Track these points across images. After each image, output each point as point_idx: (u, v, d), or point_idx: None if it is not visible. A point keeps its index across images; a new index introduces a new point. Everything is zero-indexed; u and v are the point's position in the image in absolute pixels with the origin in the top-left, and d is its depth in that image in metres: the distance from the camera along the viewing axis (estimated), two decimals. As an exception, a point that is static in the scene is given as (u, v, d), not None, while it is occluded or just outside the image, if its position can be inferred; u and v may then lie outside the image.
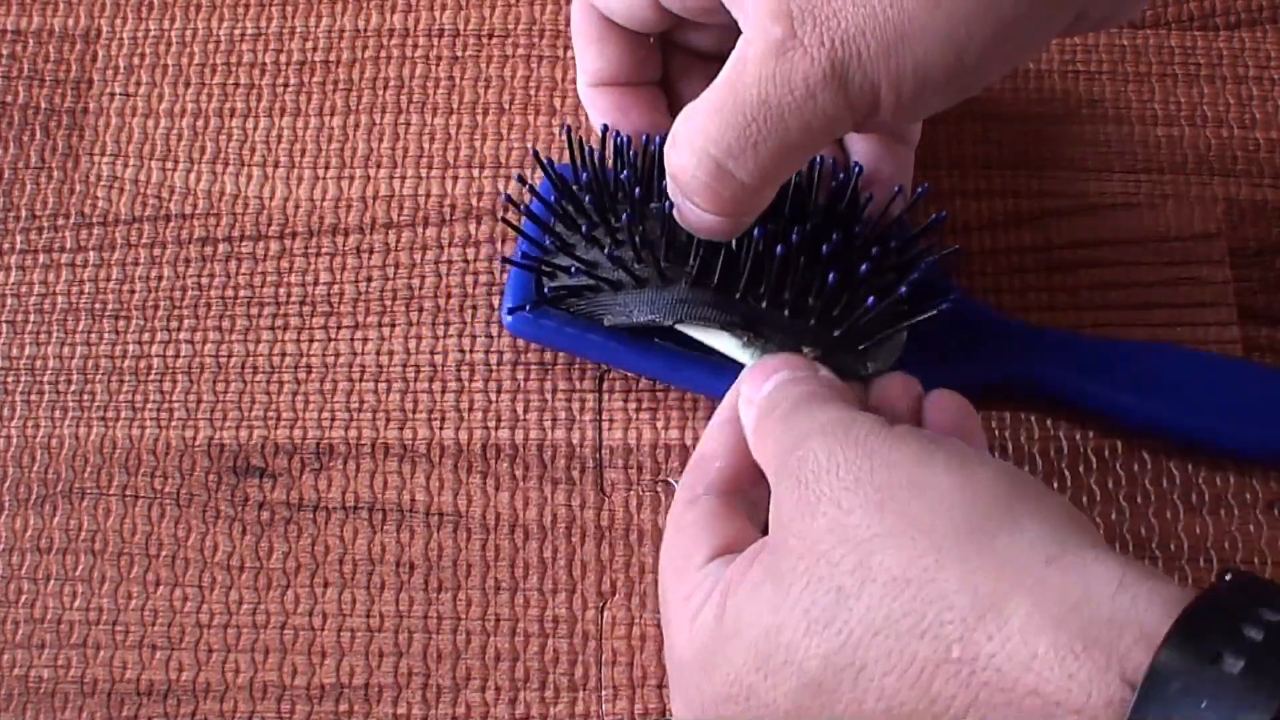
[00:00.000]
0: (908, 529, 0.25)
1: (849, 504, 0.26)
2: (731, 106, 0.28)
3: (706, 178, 0.29)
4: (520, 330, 0.37)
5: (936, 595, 0.24)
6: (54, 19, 0.44)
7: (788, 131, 0.28)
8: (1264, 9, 0.43)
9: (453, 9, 0.43)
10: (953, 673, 0.24)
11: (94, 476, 0.38)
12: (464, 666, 0.36)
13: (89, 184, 0.41)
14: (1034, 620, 0.23)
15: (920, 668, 0.24)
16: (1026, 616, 0.23)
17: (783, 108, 0.28)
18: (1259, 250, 0.40)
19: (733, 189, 0.29)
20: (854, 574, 0.25)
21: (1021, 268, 0.40)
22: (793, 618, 0.26)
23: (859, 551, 0.25)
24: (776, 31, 0.28)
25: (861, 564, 0.25)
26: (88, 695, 0.36)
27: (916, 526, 0.25)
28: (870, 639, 0.25)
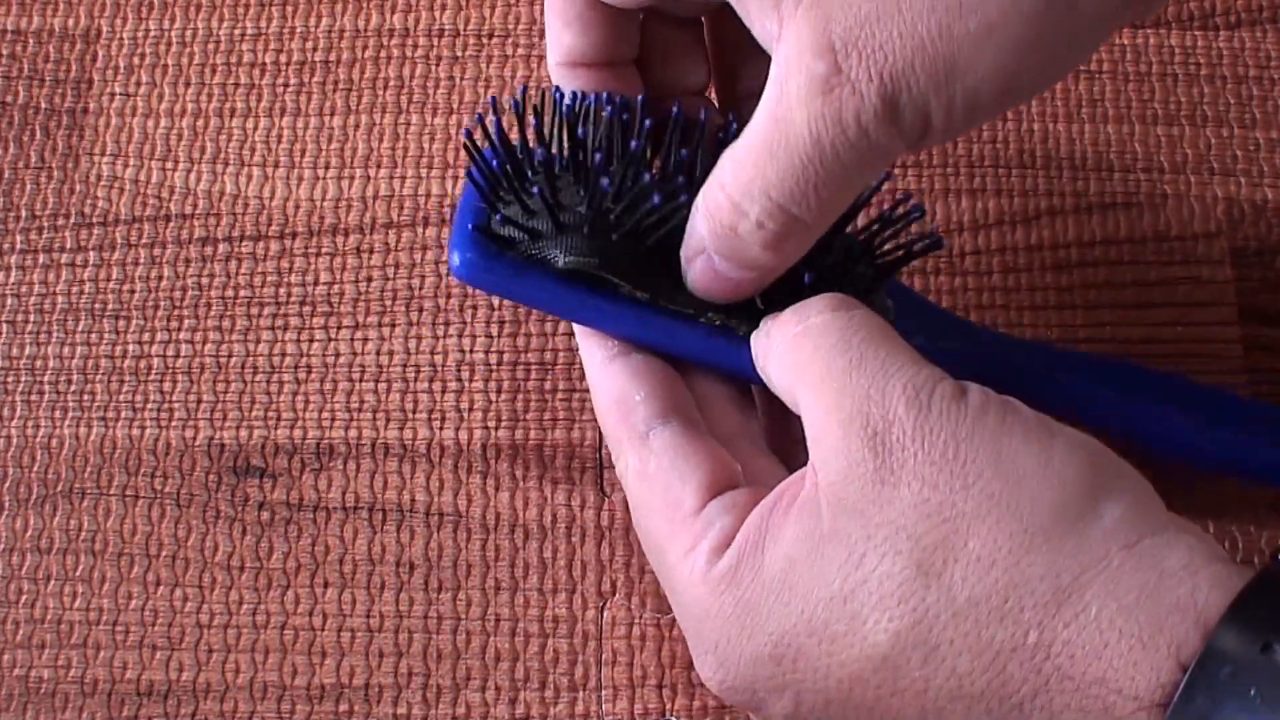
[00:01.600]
0: (993, 511, 0.25)
1: (934, 480, 0.26)
2: (785, 150, 0.27)
3: (776, 226, 0.28)
4: (470, 275, 0.32)
5: (1020, 580, 0.24)
6: (54, 19, 0.44)
7: (846, 170, 0.27)
8: (1264, 9, 0.43)
9: (453, 9, 0.43)
10: (1027, 658, 0.24)
11: (94, 476, 0.38)
12: (464, 666, 0.36)
13: (89, 184, 0.41)
14: (1109, 609, 0.24)
15: (996, 651, 0.24)
16: (1102, 606, 0.24)
17: (837, 147, 0.27)
18: (1259, 250, 0.40)
19: (798, 234, 0.28)
20: (936, 552, 0.25)
21: (1020, 268, 0.40)
22: (864, 589, 0.25)
23: (943, 530, 0.25)
24: (820, 67, 0.26)
25: (945, 542, 0.25)
26: (88, 695, 0.36)
27: (1001, 509, 0.25)
28: (949, 619, 0.25)
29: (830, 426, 0.27)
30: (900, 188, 0.40)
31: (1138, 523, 0.25)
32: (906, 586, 0.25)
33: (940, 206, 0.40)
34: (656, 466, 0.30)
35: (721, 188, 0.28)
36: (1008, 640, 0.24)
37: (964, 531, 0.25)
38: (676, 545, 0.29)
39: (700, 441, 0.30)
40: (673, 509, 0.29)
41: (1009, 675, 0.24)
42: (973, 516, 0.25)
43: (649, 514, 0.30)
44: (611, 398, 0.32)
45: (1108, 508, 0.25)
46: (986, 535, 0.25)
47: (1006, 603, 0.24)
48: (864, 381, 0.27)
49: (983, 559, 0.25)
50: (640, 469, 0.31)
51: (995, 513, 0.25)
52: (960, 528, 0.25)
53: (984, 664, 0.24)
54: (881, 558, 0.25)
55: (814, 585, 0.26)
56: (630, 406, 0.31)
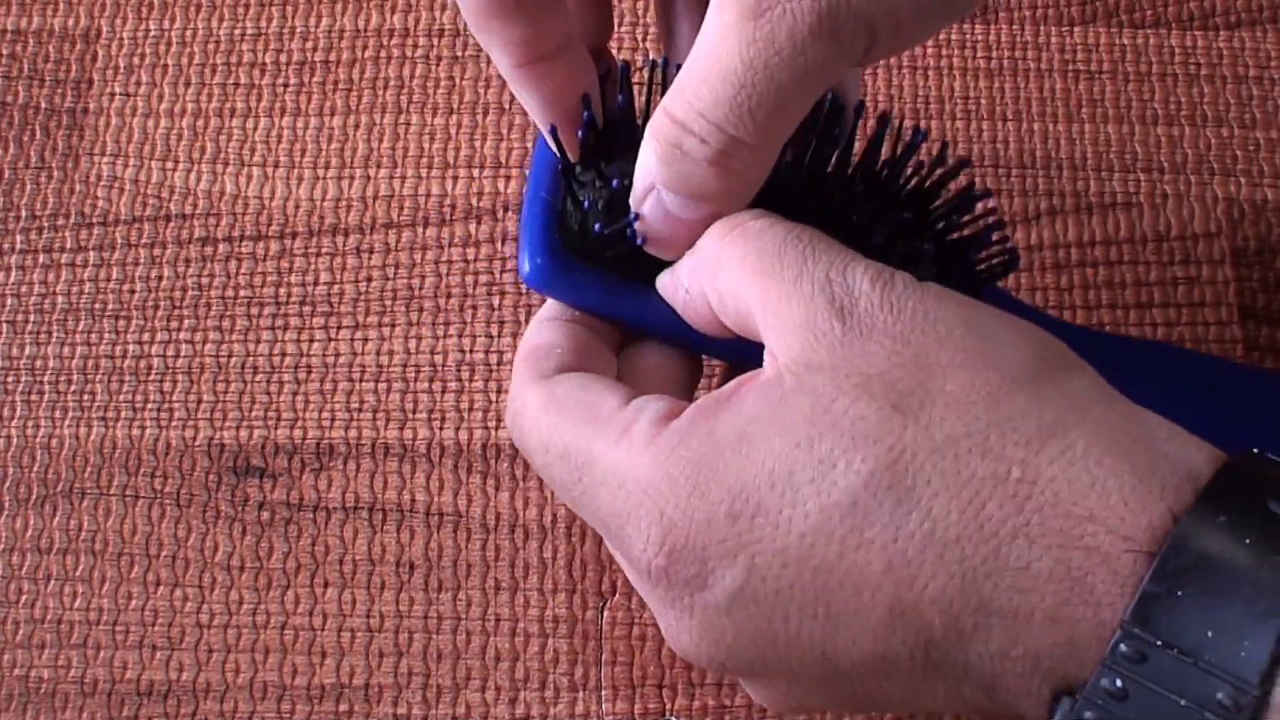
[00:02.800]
0: (970, 359, 0.25)
1: (907, 336, 0.25)
2: (719, 74, 0.26)
3: (718, 144, 0.27)
4: (543, 283, 0.31)
5: (1002, 417, 0.24)
6: (54, 19, 0.44)
7: (781, 90, 0.26)
8: (1264, 9, 0.43)
9: (453, 9, 0.43)
10: (1009, 494, 0.23)
11: (94, 476, 0.38)
12: (464, 666, 0.36)
13: (89, 184, 0.41)
14: (1096, 449, 0.23)
15: (976, 489, 0.23)
16: (1090, 445, 0.23)
17: (770, 68, 0.26)
18: (1259, 250, 0.40)
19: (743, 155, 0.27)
20: (913, 395, 0.24)
21: (1021, 267, 0.40)
22: (834, 431, 0.24)
23: (919, 375, 0.24)
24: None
25: (922, 386, 0.24)
26: (88, 695, 0.36)
27: (978, 359, 0.25)
28: (926, 456, 0.23)
29: (791, 309, 0.26)
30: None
31: (1108, 391, 0.25)
32: (882, 426, 0.24)
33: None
34: (565, 390, 0.28)
35: (666, 112, 0.27)
36: (989, 476, 0.23)
37: (940, 376, 0.24)
38: (602, 436, 0.26)
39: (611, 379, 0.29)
40: (591, 412, 0.27)
41: (987, 515, 0.23)
42: (949, 364, 0.24)
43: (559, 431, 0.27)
44: (535, 342, 0.30)
45: (1077, 376, 0.25)
46: (965, 379, 0.24)
47: (988, 438, 0.23)
48: (823, 264, 0.26)
49: (962, 399, 0.24)
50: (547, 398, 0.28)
51: (973, 360, 0.24)
52: (937, 373, 0.24)
53: (961, 504, 0.23)
54: (854, 401, 0.24)
55: (777, 434, 0.24)
56: (545, 353, 0.29)
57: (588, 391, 0.28)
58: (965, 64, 0.42)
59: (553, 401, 0.28)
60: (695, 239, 0.28)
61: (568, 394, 0.28)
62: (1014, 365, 0.25)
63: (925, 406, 0.24)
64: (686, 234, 0.28)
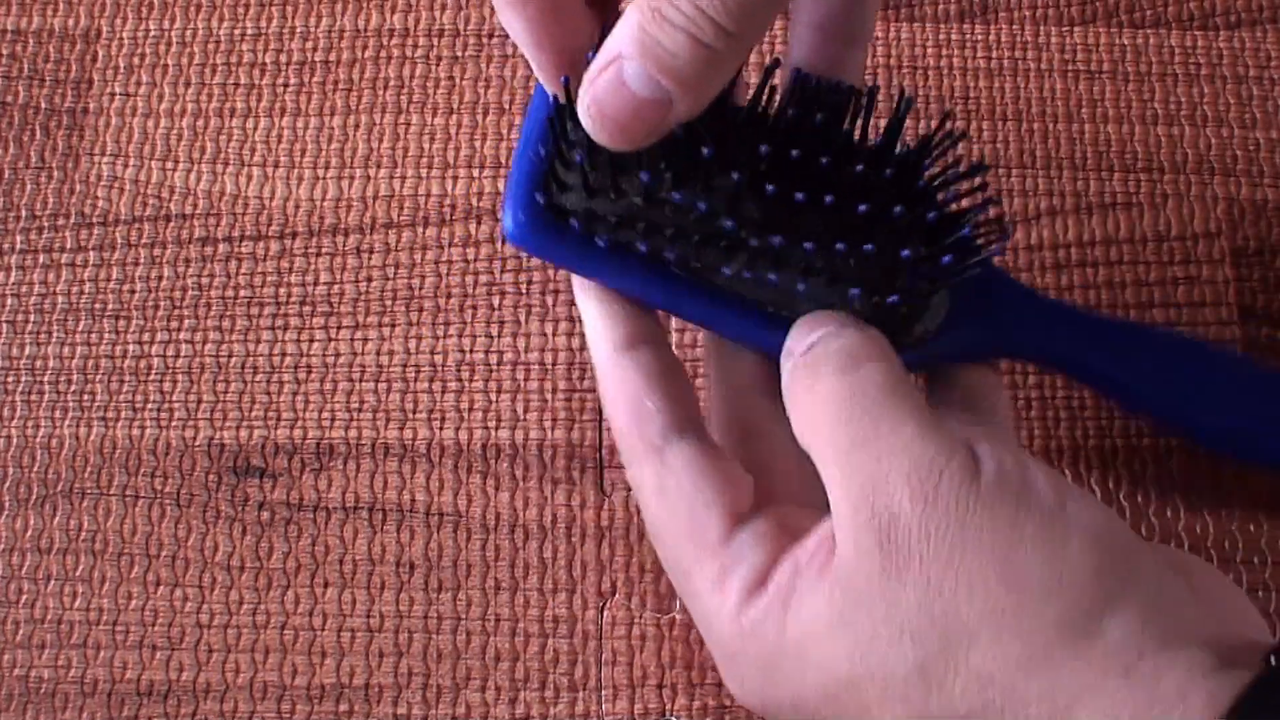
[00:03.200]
0: (997, 622, 0.25)
1: (939, 584, 0.25)
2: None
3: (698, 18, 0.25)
4: (526, 241, 0.30)
5: (1017, 701, 0.25)
6: (54, 19, 0.44)
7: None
8: (1264, 9, 0.43)
9: (453, 9, 0.43)
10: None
11: (94, 476, 0.38)
12: (464, 666, 0.36)
13: (89, 184, 0.41)
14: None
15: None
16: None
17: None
18: (1259, 250, 0.40)
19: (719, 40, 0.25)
20: (939, 657, 0.25)
21: (1020, 268, 0.40)
22: (871, 680, 0.26)
23: (946, 638, 0.25)
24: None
25: (948, 650, 0.25)
26: (88, 695, 0.36)
27: (1005, 623, 0.25)
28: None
29: (841, 501, 0.27)
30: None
31: (1141, 642, 0.25)
32: (910, 688, 0.26)
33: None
34: (676, 485, 0.29)
35: None
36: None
37: (965, 644, 0.25)
38: (704, 573, 0.29)
39: (720, 462, 0.30)
40: (699, 534, 0.29)
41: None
42: (975, 628, 0.25)
43: (669, 532, 0.30)
44: (624, 400, 0.30)
45: (1112, 623, 0.25)
46: (987, 651, 0.25)
47: (1003, 717, 0.25)
48: (869, 465, 0.27)
49: (981, 675, 0.25)
50: (658, 485, 0.30)
51: (998, 626, 0.25)
52: (963, 639, 0.25)
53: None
54: (886, 654, 0.26)
55: (828, 663, 0.27)
56: (644, 414, 0.30)
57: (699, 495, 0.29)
58: (965, 64, 0.42)
59: (665, 494, 0.30)
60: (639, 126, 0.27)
61: (679, 493, 0.29)
62: (1044, 627, 0.25)
63: (949, 675, 0.25)
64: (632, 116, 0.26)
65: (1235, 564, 0.37)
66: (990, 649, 0.25)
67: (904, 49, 0.42)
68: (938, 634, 0.25)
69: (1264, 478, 0.37)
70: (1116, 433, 0.38)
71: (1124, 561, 0.26)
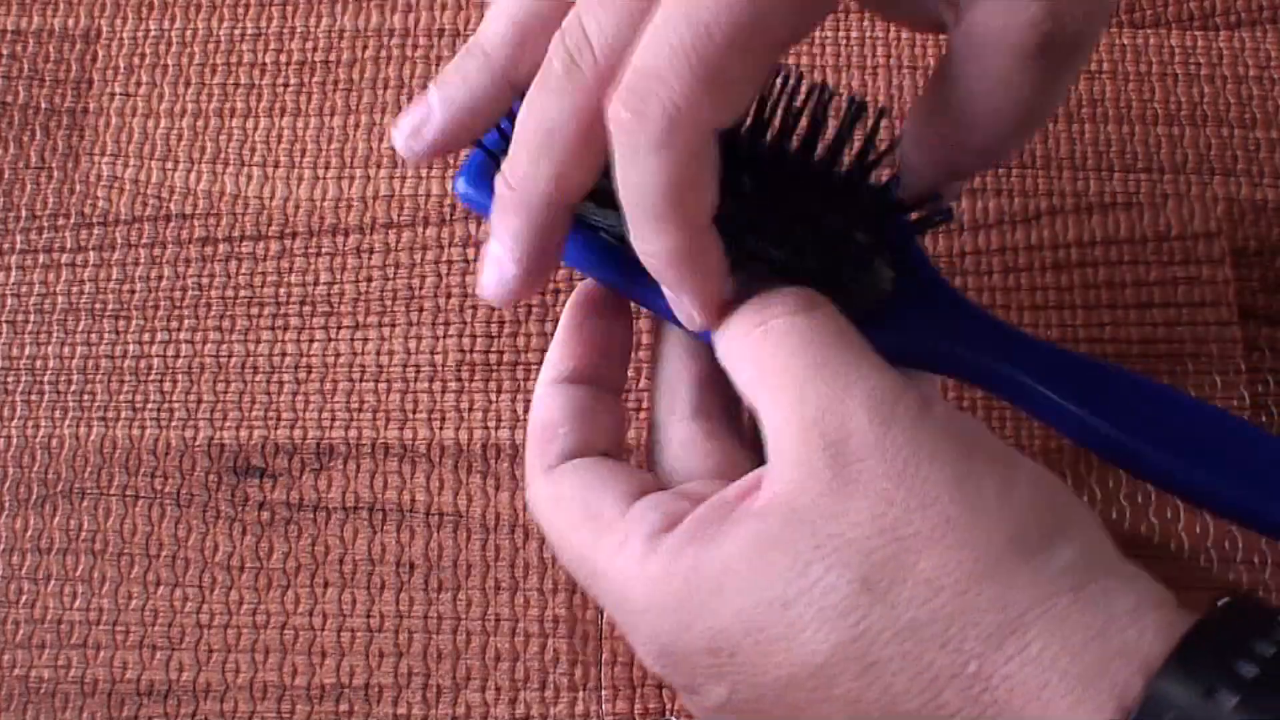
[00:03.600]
0: (948, 534, 0.25)
1: (891, 496, 0.25)
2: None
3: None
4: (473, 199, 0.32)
5: (967, 607, 0.24)
6: (54, 19, 0.44)
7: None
8: (1264, 9, 0.43)
9: (453, 9, 0.43)
10: (964, 686, 0.24)
11: (94, 476, 0.38)
12: (464, 666, 0.36)
13: (89, 184, 0.41)
14: (1051, 649, 0.24)
15: (934, 675, 0.24)
16: (1045, 645, 0.24)
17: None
18: (1259, 250, 0.40)
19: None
20: (885, 568, 0.25)
21: (1021, 267, 0.40)
22: (806, 598, 0.25)
23: (894, 547, 0.25)
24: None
25: (895, 560, 0.25)
26: (88, 695, 0.36)
27: (957, 533, 0.25)
28: (890, 638, 0.24)
29: (788, 434, 0.26)
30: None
31: (1089, 565, 0.25)
32: (850, 601, 0.25)
33: (940, 206, 0.40)
34: (569, 487, 0.29)
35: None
36: (947, 667, 0.24)
37: (915, 551, 0.25)
38: (603, 548, 0.28)
39: (618, 468, 0.29)
40: (594, 520, 0.28)
41: (944, 701, 0.24)
42: (926, 537, 0.25)
43: (567, 533, 0.29)
44: (536, 423, 0.30)
45: (1061, 548, 0.25)
46: (938, 559, 0.25)
47: (949, 629, 0.24)
48: (823, 389, 0.26)
49: (931, 582, 0.24)
50: (552, 494, 0.29)
51: (950, 536, 0.25)
52: (913, 546, 0.25)
53: (920, 685, 0.24)
54: (827, 569, 0.25)
55: (754, 587, 0.26)
56: (550, 436, 0.30)
57: (590, 490, 0.29)
58: (965, 64, 0.42)
59: (559, 501, 0.29)
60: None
61: (573, 493, 0.29)
62: (995, 541, 0.25)
63: (895, 586, 0.25)
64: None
65: (1235, 564, 0.37)
66: (941, 557, 0.24)
67: (904, 48, 0.42)
68: (886, 543, 0.25)
69: (1264, 478, 0.37)
70: (1116, 433, 0.38)
71: (1068, 501, 0.26)
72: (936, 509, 0.25)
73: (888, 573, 0.25)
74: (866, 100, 0.30)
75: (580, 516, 0.29)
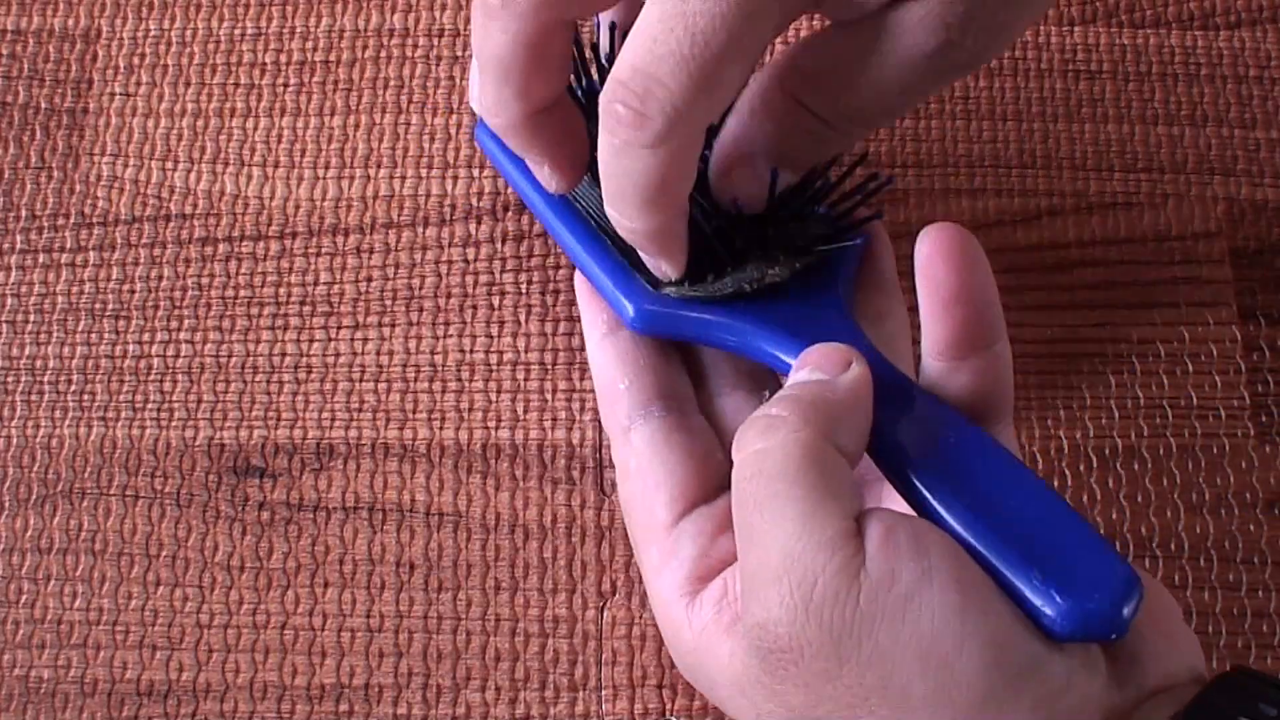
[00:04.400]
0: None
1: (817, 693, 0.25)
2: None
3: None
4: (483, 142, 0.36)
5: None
6: (54, 19, 0.44)
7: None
8: (1264, 9, 0.43)
9: (453, 9, 0.43)
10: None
11: (94, 476, 0.38)
12: (464, 666, 0.36)
13: (89, 184, 0.41)
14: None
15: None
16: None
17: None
18: (1259, 250, 0.40)
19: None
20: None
21: (1021, 267, 0.40)
22: None
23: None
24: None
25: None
26: (88, 695, 0.36)
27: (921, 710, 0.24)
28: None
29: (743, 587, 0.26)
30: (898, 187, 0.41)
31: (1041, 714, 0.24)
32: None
33: (940, 206, 0.40)
34: (636, 466, 0.31)
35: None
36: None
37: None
38: (650, 556, 0.31)
39: (678, 436, 0.31)
40: (648, 516, 0.31)
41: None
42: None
43: (630, 510, 0.32)
44: (601, 385, 0.33)
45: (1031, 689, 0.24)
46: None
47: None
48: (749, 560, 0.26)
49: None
50: (623, 466, 0.32)
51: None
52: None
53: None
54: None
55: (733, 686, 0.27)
56: (616, 395, 0.32)
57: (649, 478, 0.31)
58: (965, 64, 0.42)
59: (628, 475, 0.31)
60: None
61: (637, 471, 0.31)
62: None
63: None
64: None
65: (1235, 564, 0.37)
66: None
67: (904, 49, 0.42)
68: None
69: (1263, 479, 0.37)
70: (1117, 432, 0.38)
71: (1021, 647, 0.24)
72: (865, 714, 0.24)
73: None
74: None
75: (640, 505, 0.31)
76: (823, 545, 0.25)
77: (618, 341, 0.33)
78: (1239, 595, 0.37)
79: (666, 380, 0.32)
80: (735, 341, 0.31)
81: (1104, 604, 0.24)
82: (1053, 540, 0.26)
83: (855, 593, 0.24)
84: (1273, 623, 0.36)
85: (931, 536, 0.25)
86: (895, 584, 0.24)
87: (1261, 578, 0.37)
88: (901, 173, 0.41)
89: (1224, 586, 0.37)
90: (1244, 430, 0.38)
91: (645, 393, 0.32)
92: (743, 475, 0.26)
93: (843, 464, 0.26)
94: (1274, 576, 0.37)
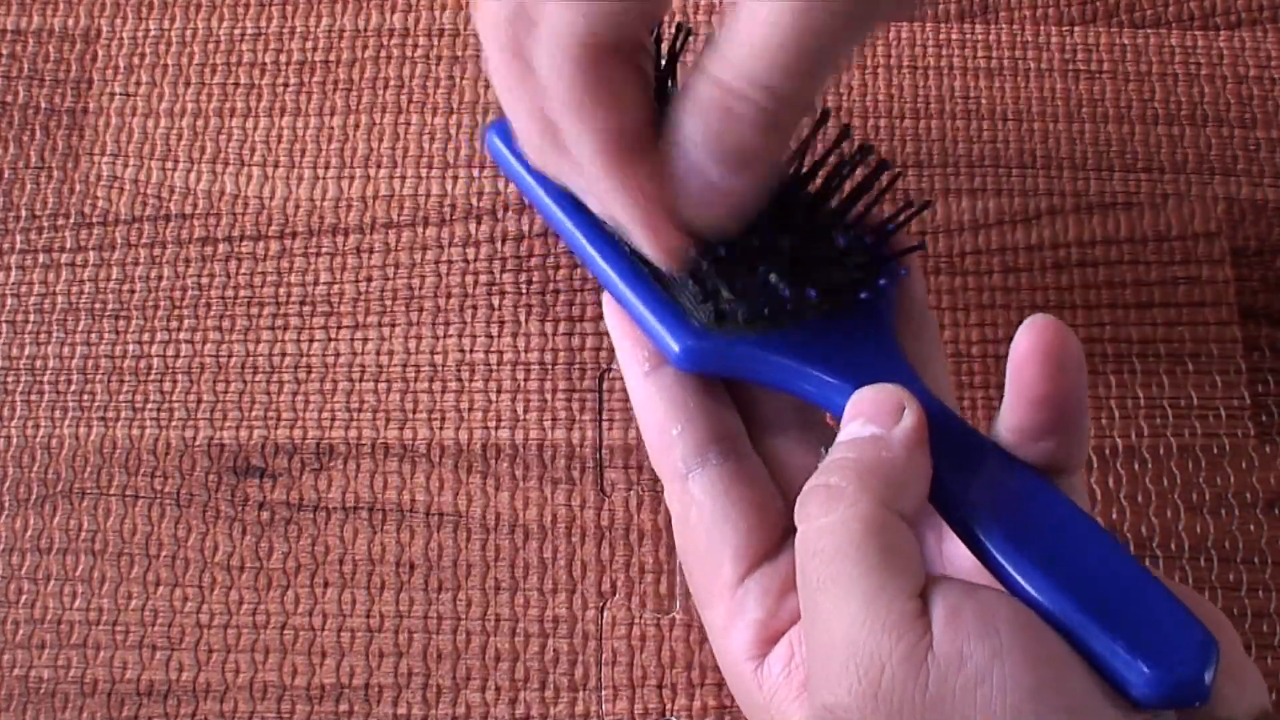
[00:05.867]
0: None
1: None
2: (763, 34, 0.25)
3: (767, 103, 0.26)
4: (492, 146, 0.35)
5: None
6: (54, 19, 0.44)
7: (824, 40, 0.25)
8: (1264, 9, 0.43)
9: (453, 9, 0.43)
10: None
11: (94, 476, 0.38)
12: (464, 666, 0.36)
13: (89, 184, 0.41)
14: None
15: None
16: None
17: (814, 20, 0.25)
18: (1259, 250, 0.40)
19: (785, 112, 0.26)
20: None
21: (1020, 267, 0.40)
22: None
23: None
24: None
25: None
26: (88, 695, 0.36)
27: None
28: None
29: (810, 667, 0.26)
30: (902, 187, 0.41)
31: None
32: None
33: (940, 206, 0.40)
34: (697, 516, 0.30)
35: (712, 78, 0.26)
36: None
37: None
38: (716, 612, 0.30)
39: (738, 487, 0.30)
40: (712, 571, 0.30)
41: None
42: None
43: (690, 561, 0.31)
44: (651, 428, 0.31)
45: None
46: None
47: None
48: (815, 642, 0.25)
49: None
50: (682, 513, 0.30)
51: None
52: None
53: None
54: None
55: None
56: (668, 442, 0.30)
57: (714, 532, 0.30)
58: (965, 64, 0.42)
59: (688, 524, 0.30)
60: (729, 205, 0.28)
61: (699, 522, 0.30)
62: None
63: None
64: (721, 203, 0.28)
65: (1235, 564, 0.37)
66: None
67: (904, 48, 0.42)
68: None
69: (1263, 479, 0.37)
70: (1117, 432, 0.38)
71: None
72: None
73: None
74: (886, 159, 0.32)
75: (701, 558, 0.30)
76: (888, 629, 0.24)
77: (662, 379, 0.31)
78: (1239, 595, 0.37)
79: (720, 423, 0.31)
80: (782, 380, 0.30)
81: (1189, 672, 0.24)
82: (1129, 602, 0.25)
83: (923, 679, 0.23)
84: (1273, 623, 0.36)
85: (1001, 612, 0.24)
86: (964, 666, 0.23)
87: (1261, 578, 0.37)
88: (901, 173, 0.41)
89: (1224, 586, 0.37)
90: (1244, 430, 0.38)
91: (700, 437, 0.30)
92: (805, 552, 0.26)
93: (904, 532, 0.25)
94: (1274, 576, 0.37)
